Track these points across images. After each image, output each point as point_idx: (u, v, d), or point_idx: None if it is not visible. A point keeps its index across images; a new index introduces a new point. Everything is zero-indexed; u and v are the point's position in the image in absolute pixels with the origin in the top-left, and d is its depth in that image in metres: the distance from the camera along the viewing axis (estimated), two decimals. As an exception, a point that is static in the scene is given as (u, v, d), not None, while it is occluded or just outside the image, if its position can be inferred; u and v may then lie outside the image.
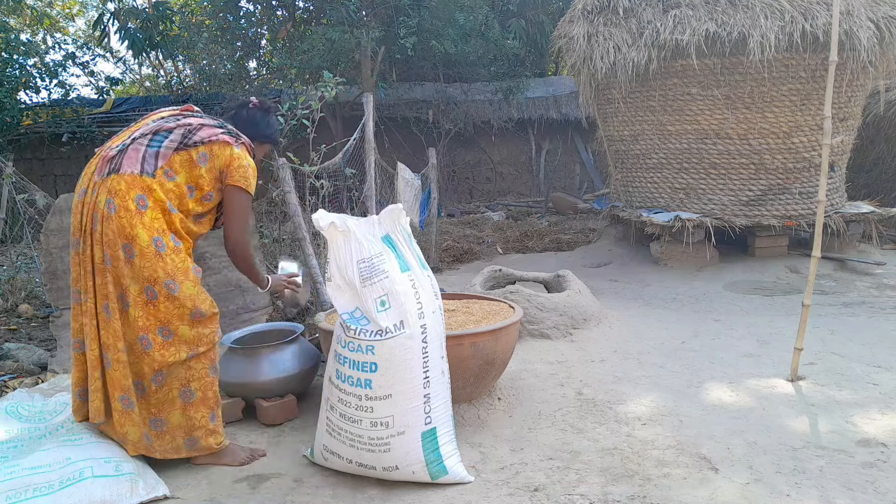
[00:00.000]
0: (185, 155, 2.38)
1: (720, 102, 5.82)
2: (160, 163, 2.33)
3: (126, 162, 2.30)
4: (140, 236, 2.24)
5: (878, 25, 5.43)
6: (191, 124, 2.42)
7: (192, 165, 2.39)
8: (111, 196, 2.24)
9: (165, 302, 2.28)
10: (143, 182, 2.28)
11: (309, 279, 3.76)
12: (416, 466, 2.22)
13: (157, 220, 2.29)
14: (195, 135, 2.40)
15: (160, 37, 10.59)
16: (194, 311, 2.33)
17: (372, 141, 4.93)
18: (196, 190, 2.41)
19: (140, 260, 2.24)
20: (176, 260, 2.31)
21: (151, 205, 2.28)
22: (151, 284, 2.26)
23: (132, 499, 2.16)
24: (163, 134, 2.39)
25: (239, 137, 2.51)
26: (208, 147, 2.40)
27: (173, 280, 2.28)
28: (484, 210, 11.57)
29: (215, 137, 2.42)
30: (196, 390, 2.37)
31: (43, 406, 2.64)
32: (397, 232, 2.36)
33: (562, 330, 4.02)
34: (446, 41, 10.12)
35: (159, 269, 2.26)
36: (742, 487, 2.19)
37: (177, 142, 2.37)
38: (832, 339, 3.85)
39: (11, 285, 5.38)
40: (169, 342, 2.30)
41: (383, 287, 2.24)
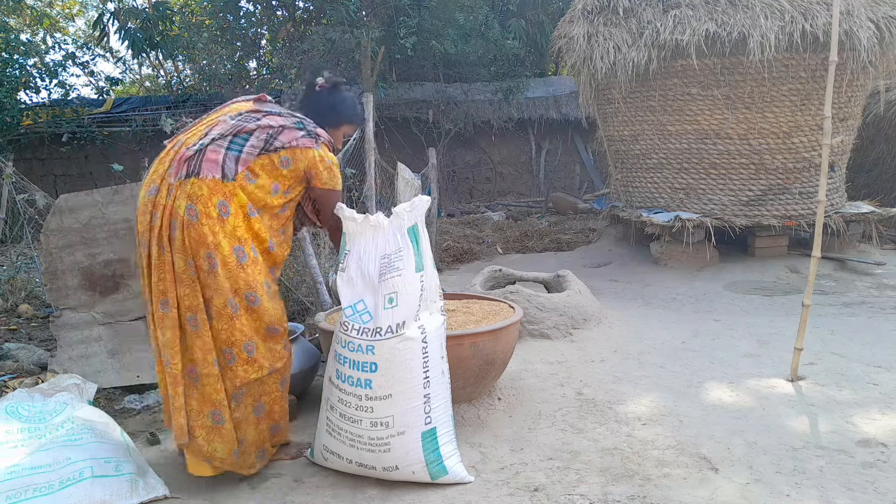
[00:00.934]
0: (265, 160, 2.30)
1: (720, 102, 5.82)
2: (241, 168, 2.25)
3: (206, 165, 2.21)
4: (222, 245, 2.16)
5: (878, 25, 5.42)
6: (272, 126, 2.33)
7: (273, 169, 2.31)
8: (192, 202, 2.15)
9: (246, 315, 2.22)
10: (224, 187, 2.20)
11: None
12: (416, 466, 2.22)
13: (239, 227, 2.22)
14: (276, 140, 2.31)
15: (160, 37, 10.59)
16: (270, 326, 2.28)
17: (372, 141, 4.93)
18: (280, 187, 2.35)
19: (223, 270, 2.16)
20: (255, 271, 2.24)
21: (234, 211, 2.21)
22: (233, 296, 2.18)
23: (132, 499, 2.16)
24: (243, 136, 2.29)
25: (318, 137, 2.40)
26: (290, 152, 2.32)
27: (254, 292, 2.22)
28: (484, 210, 11.57)
29: (296, 142, 2.33)
30: (266, 404, 2.34)
31: (43, 406, 2.63)
32: (422, 224, 2.35)
33: (562, 330, 4.01)
34: (446, 41, 10.12)
35: (240, 281, 2.19)
36: (742, 487, 2.19)
37: (259, 147, 2.29)
38: (832, 339, 3.85)
39: (11, 285, 5.38)
40: (252, 358, 2.24)
41: (394, 284, 2.23)
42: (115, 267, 3.35)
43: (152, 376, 3.17)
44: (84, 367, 3.28)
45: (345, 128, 2.65)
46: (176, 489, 2.30)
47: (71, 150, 10.85)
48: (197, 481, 2.35)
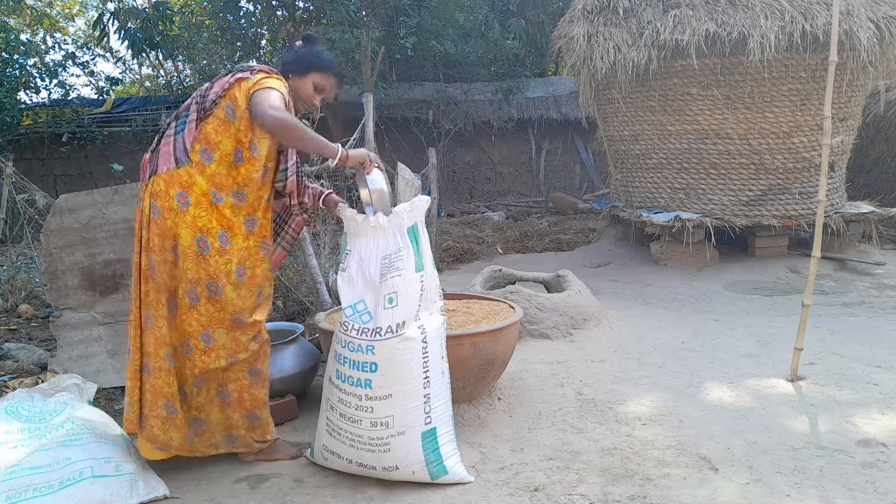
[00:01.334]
0: (212, 121, 2.21)
1: (720, 102, 5.82)
2: (189, 143, 2.19)
3: (161, 160, 2.23)
4: (182, 236, 2.17)
5: (878, 25, 5.42)
6: (202, 88, 2.28)
7: (226, 125, 2.21)
8: (153, 199, 2.18)
9: (206, 304, 2.22)
10: (179, 177, 2.18)
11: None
12: (416, 466, 2.22)
13: (201, 217, 2.19)
14: (209, 94, 2.23)
15: (160, 37, 10.58)
16: (234, 316, 2.27)
17: (372, 141, 4.93)
18: (243, 149, 2.23)
19: (182, 261, 2.18)
20: (220, 261, 2.22)
21: (193, 200, 2.18)
22: (194, 286, 2.20)
23: (132, 499, 2.16)
24: (183, 116, 2.27)
25: (252, 68, 2.27)
26: (227, 97, 2.21)
27: (216, 282, 2.21)
28: (484, 210, 11.56)
29: (227, 83, 2.22)
30: (233, 391, 2.35)
31: (43, 406, 2.63)
32: (421, 223, 2.34)
33: (562, 330, 4.01)
34: (446, 41, 10.12)
35: (201, 271, 2.19)
36: (742, 487, 2.19)
37: (195, 111, 2.22)
38: (832, 339, 3.85)
39: (11, 285, 5.38)
40: (210, 348, 2.25)
41: (394, 284, 2.23)
42: (115, 267, 3.35)
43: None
44: (84, 367, 3.28)
45: (313, 76, 2.40)
46: (176, 489, 2.30)
47: (71, 150, 10.84)
48: (197, 481, 2.35)
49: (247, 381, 2.37)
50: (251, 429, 2.42)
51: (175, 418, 2.27)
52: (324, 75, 2.44)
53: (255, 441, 2.44)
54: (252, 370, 2.37)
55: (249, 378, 2.37)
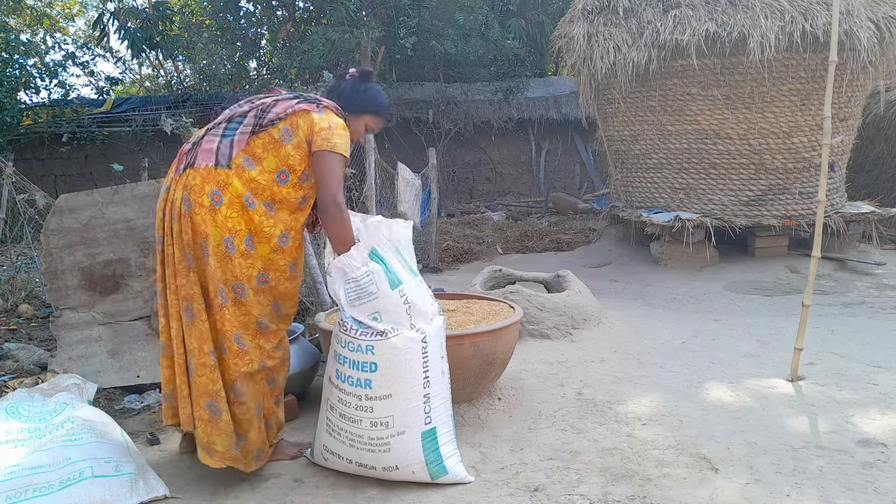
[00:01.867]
0: (265, 137, 2.22)
1: (720, 102, 5.82)
2: (236, 151, 2.20)
3: (201, 155, 2.21)
4: (211, 235, 2.15)
5: (878, 25, 5.43)
6: (264, 103, 2.27)
7: (277, 146, 2.22)
8: (186, 192, 2.16)
9: (233, 307, 2.19)
10: (217, 175, 2.17)
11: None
12: (416, 466, 2.22)
13: (231, 218, 2.17)
14: (269, 112, 2.23)
15: (160, 37, 10.58)
16: (259, 320, 2.25)
17: (372, 141, 4.93)
18: (290, 173, 2.24)
19: (213, 259, 2.15)
20: (243, 265, 2.20)
21: (227, 201, 2.16)
22: (223, 286, 2.17)
23: (132, 499, 2.16)
24: (237, 120, 2.25)
25: (319, 102, 2.30)
26: (288, 122, 2.22)
27: (242, 285, 2.19)
28: (484, 210, 11.57)
29: (292, 109, 2.23)
30: (263, 405, 2.33)
31: (43, 406, 2.63)
32: (382, 245, 2.30)
33: (562, 330, 4.01)
34: (446, 41, 10.12)
35: (227, 272, 2.17)
36: (742, 487, 2.19)
37: (251, 125, 2.22)
38: (832, 339, 3.85)
39: (11, 285, 5.38)
40: (244, 350, 2.21)
41: (373, 307, 2.24)
42: (115, 267, 3.35)
43: (152, 376, 3.17)
44: (84, 367, 3.28)
45: (367, 118, 2.51)
46: (176, 489, 2.30)
47: (71, 150, 10.85)
48: (198, 481, 2.35)
49: (266, 390, 2.35)
50: (269, 438, 2.42)
51: (219, 420, 2.18)
52: (377, 119, 2.55)
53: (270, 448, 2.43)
54: (269, 379, 2.35)
55: (268, 387, 2.36)
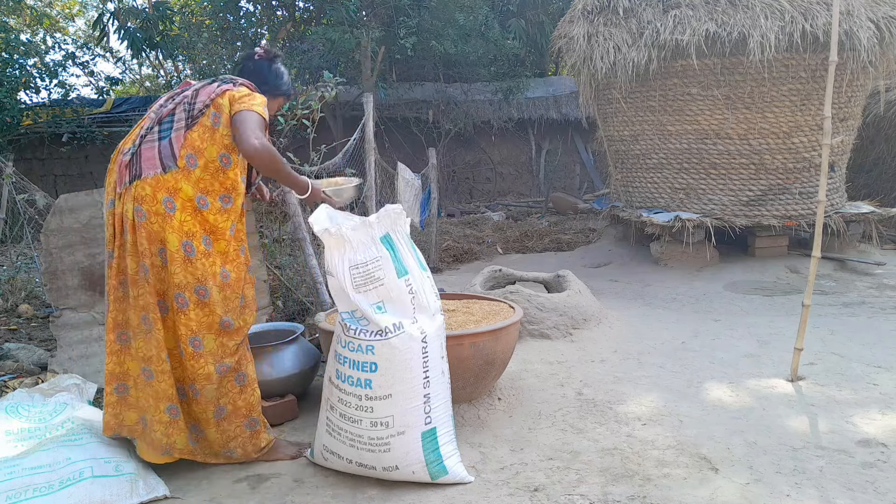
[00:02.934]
0: (198, 128, 2.26)
1: (720, 102, 5.82)
2: (177, 149, 2.23)
3: (145, 164, 2.22)
4: (170, 241, 2.18)
5: (878, 25, 5.43)
6: (187, 96, 2.31)
7: (211, 132, 2.27)
8: (139, 203, 2.18)
9: (196, 309, 2.23)
10: (166, 182, 2.20)
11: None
12: (416, 466, 2.22)
13: (187, 222, 2.22)
14: (196, 102, 2.29)
15: (160, 37, 10.58)
16: (223, 318, 2.28)
17: (372, 141, 4.93)
18: (231, 154, 2.30)
19: (171, 265, 2.18)
20: (206, 264, 2.24)
21: (179, 206, 2.21)
22: (182, 291, 2.20)
23: (132, 499, 2.16)
24: (167, 120, 2.28)
25: (235, 81, 2.38)
26: (213, 106, 2.28)
27: (204, 286, 2.23)
28: (484, 210, 11.57)
29: (214, 93, 2.29)
30: (226, 405, 2.35)
31: (43, 406, 2.64)
32: (397, 232, 2.33)
33: (562, 330, 4.01)
34: (446, 41, 10.12)
35: (188, 275, 2.20)
36: (742, 487, 2.19)
37: (183, 119, 2.26)
38: (832, 339, 3.85)
39: (11, 285, 5.38)
40: (199, 353, 2.26)
41: (378, 294, 2.23)
42: (115, 267, 3.34)
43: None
44: (84, 367, 3.28)
45: (280, 100, 2.61)
46: (176, 489, 2.30)
47: (71, 150, 10.85)
48: (197, 481, 2.35)
49: (236, 389, 2.37)
50: (253, 436, 2.42)
51: (178, 421, 2.26)
52: (285, 100, 2.64)
53: (254, 452, 2.44)
54: (238, 376, 2.37)
55: (238, 385, 2.37)
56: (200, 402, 2.30)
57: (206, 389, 2.29)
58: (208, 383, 2.29)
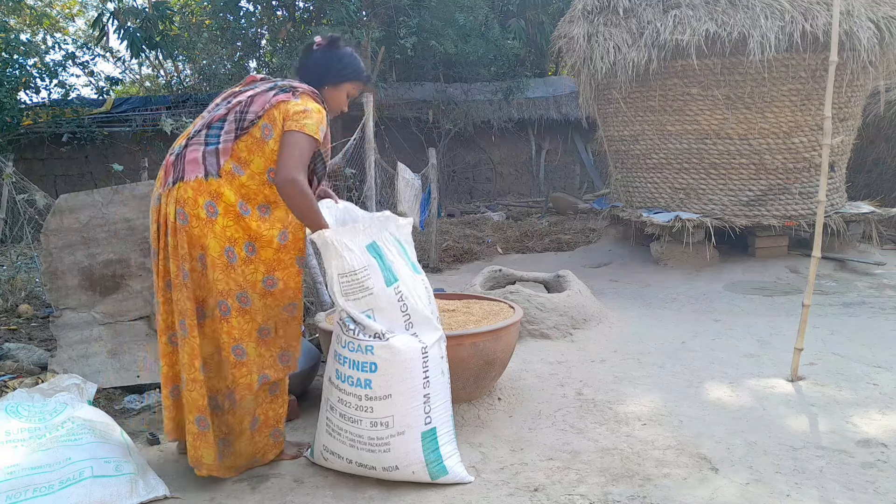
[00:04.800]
0: (247, 139, 2.18)
1: (720, 102, 5.82)
2: (223, 159, 2.16)
3: (188, 167, 2.16)
4: (211, 247, 2.12)
5: (878, 25, 5.42)
6: (241, 102, 2.21)
7: (260, 145, 2.18)
8: (181, 206, 2.12)
9: (238, 317, 2.18)
10: (209, 187, 2.13)
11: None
12: (416, 466, 2.22)
13: (229, 227, 2.16)
14: (248, 112, 2.18)
15: (160, 37, 10.58)
16: (262, 326, 2.25)
17: (372, 141, 4.93)
18: None
19: (212, 272, 2.13)
20: (247, 272, 2.19)
21: (222, 211, 2.14)
22: (224, 298, 2.15)
23: (132, 499, 2.16)
24: (217, 125, 2.20)
25: (295, 90, 2.25)
26: (266, 117, 2.18)
27: (245, 293, 2.18)
28: (484, 210, 11.56)
29: (269, 104, 2.18)
30: (259, 416, 2.33)
31: (43, 406, 2.63)
32: (384, 239, 2.28)
33: (562, 330, 4.01)
34: (446, 41, 10.12)
35: (231, 282, 2.16)
36: (742, 487, 2.19)
37: (233, 130, 2.18)
38: (832, 339, 3.85)
39: (11, 285, 5.38)
40: (242, 362, 2.21)
41: (367, 303, 2.22)
42: (115, 267, 3.35)
43: (152, 376, 3.17)
44: (84, 367, 3.28)
45: (347, 86, 2.44)
46: (176, 489, 2.30)
47: (71, 150, 10.84)
48: (197, 481, 2.35)
49: (268, 398, 2.36)
50: (275, 445, 2.43)
51: (206, 433, 2.20)
52: (356, 84, 2.47)
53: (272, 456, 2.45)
54: (272, 386, 2.36)
55: (270, 395, 2.36)
56: (237, 413, 2.24)
57: (246, 399, 2.24)
58: (248, 393, 2.24)
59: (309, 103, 2.24)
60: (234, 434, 2.28)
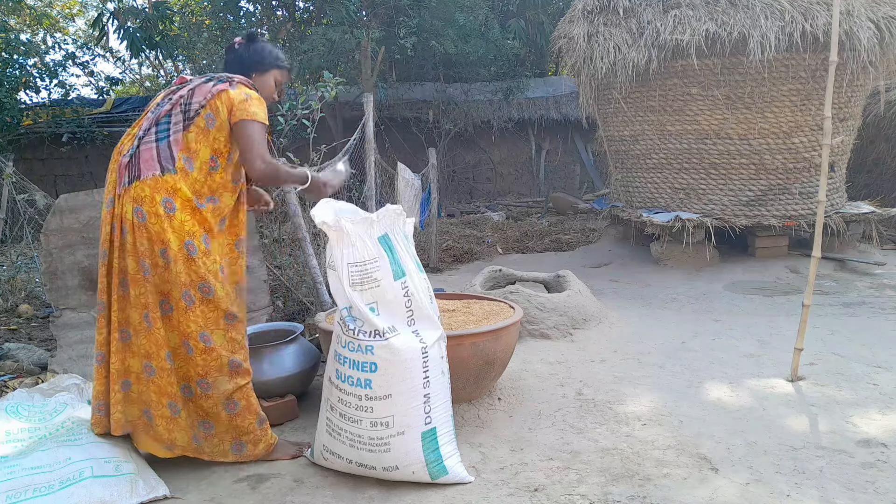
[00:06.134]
0: (194, 129, 2.29)
1: (720, 102, 5.82)
2: (176, 152, 2.26)
3: (144, 166, 2.25)
4: (171, 241, 2.21)
5: (878, 25, 5.42)
6: (183, 96, 2.32)
7: (205, 134, 2.30)
8: (138, 204, 2.21)
9: (201, 306, 2.27)
10: (165, 183, 2.23)
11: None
12: (416, 466, 2.22)
13: (187, 221, 2.25)
14: (192, 103, 2.30)
15: (160, 37, 10.58)
16: (228, 313, 2.32)
17: (372, 141, 4.93)
18: (218, 157, 2.33)
19: (174, 265, 2.22)
20: (207, 262, 2.28)
21: (179, 206, 2.24)
22: (188, 289, 2.24)
23: (132, 499, 2.16)
24: (164, 121, 2.30)
25: (231, 80, 2.38)
26: (209, 106, 2.30)
27: (207, 283, 2.27)
28: (484, 210, 11.56)
29: (210, 94, 2.31)
30: (239, 400, 2.37)
31: (43, 406, 2.64)
32: (396, 232, 2.32)
33: (562, 330, 4.01)
34: (446, 41, 10.12)
35: (192, 274, 2.24)
36: (742, 487, 2.19)
37: (181, 122, 2.29)
38: (832, 339, 3.85)
39: (11, 285, 5.38)
40: (210, 348, 2.29)
41: (373, 294, 2.23)
42: (115, 267, 3.34)
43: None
44: (84, 367, 3.28)
45: (273, 73, 2.57)
46: (176, 489, 2.30)
47: (71, 150, 10.84)
48: (197, 481, 2.35)
49: (244, 383, 2.39)
50: (263, 432, 2.44)
51: (178, 418, 2.31)
52: (282, 71, 2.61)
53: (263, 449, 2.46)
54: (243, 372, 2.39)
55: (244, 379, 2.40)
56: (211, 397, 2.32)
57: (219, 381, 2.31)
58: (220, 375, 2.31)
59: (246, 90, 2.38)
60: (211, 417, 2.35)
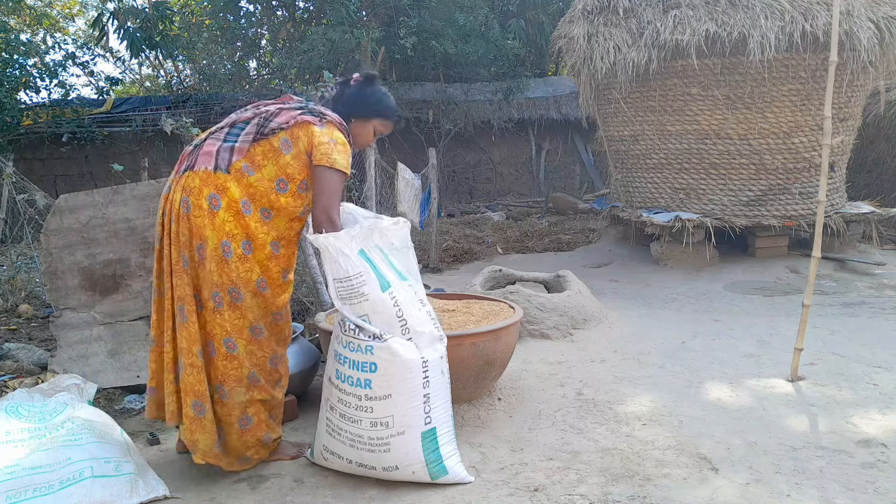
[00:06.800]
0: (265, 145, 2.25)
1: (720, 102, 5.82)
2: (235, 157, 2.22)
3: (201, 158, 2.23)
4: (209, 238, 2.17)
5: (878, 25, 5.42)
6: (269, 111, 2.28)
7: (276, 155, 2.25)
8: (185, 194, 2.19)
9: (229, 310, 2.22)
10: (216, 179, 2.19)
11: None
12: (416, 466, 2.22)
13: (229, 222, 2.19)
14: (272, 121, 2.26)
15: (160, 37, 10.58)
16: (253, 324, 2.27)
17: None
18: (289, 182, 2.27)
19: (208, 263, 2.18)
20: (241, 269, 2.22)
21: (224, 205, 2.19)
22: (218, 290, 2.19)
23: (132, 499, 2.16)
24: (239, 126, 2.28)
25: (323, 116, 2.31)
26: (289, 132, 2.25)
27: (237, 289, 2.21)
28: (484, 210, 11.56)
29: (294, 120, 2.26)
30: (253, 415, 2.33)
31: (43, 406, 2.63)
32: (371, 249, 2.27)
33: (562, 330, 4.01)
34: (446, 41, 10.12)
35: (224, 276, 2.19)
36: (742, 487, 2.19)
37: (253, 133, 2.25)
38: (832, 339, 3.85)
39: (11, 285, 5.38)
40: (233, 355, 2.24)
41: (363, 308, 2.22)
42: (115, 267, 3.35)
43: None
44: (84, 367, 3.28)
45: (375, 122, 2.51)
46: (176, 489, 2.30)
47: (71, 150, 10.84)
48: (197, 481, 2.35)
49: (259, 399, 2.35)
50: (264, 447, 2.43)
51: (203, 419, 2.23)
52: (386, 122, 2.54)
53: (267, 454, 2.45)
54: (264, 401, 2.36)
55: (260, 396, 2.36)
56: (227, 405, 2.27)
57: (235, 392, 2.26)
58: (238, 385, 2.26)
59: (334, 133, 2.30)
60: (224, 425, 2.31)
